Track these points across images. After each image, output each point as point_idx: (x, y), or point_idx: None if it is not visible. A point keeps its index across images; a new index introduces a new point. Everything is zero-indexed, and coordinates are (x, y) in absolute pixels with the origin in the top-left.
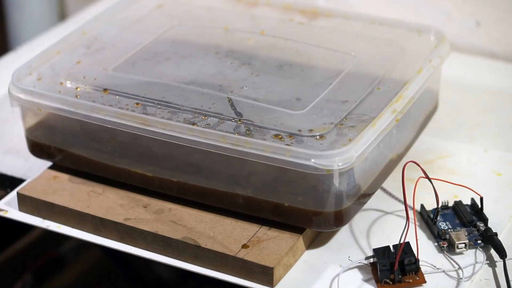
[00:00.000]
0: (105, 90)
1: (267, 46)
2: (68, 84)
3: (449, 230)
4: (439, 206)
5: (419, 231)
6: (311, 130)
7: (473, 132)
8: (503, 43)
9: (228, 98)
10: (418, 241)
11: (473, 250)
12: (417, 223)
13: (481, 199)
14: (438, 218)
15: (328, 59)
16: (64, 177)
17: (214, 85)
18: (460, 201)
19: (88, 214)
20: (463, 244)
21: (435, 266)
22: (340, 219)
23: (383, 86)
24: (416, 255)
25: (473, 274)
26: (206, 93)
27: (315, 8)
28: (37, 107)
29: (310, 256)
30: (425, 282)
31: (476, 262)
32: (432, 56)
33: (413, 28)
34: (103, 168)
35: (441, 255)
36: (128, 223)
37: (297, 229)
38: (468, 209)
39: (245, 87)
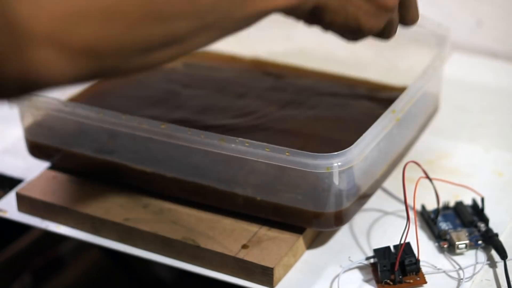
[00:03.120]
0: None
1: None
2: None
3: (449, 230)
4: (440, 206)
5: (419, 231)
6: None
7: (474, 132)
8: (505, 43)
9: None
10: (419, 241)
11: (473, 251)
12: (417, 223)
13: (482, 199)
14: (439, 218)
15: None
16: (63, 177)
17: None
18: (461, 202)
19: (87, 214)
20: (464, 245)
21: (435, 267)
22: (340, 218)
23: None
24: (416, 255)
25: (473, 274)
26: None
27: None
28: (35, 108)
29: (310, 256)
30: (425, 282)
31: (477, 263)
32: (433, 57)
33: (415, 28)
34: (102, 168)
35: (441, 255)
36: (128, 223)
37: (297, 229)
38: (469, 210)
39: None
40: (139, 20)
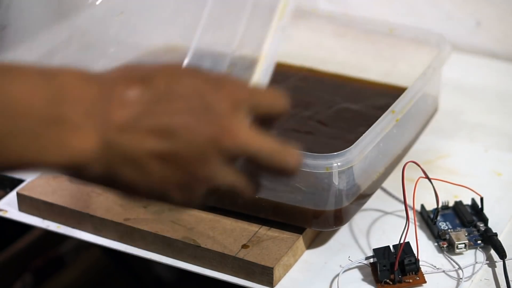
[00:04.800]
0: None
1: None
2: None
3: (449, 230)
4: (439, 206)
5: (419, 231)
6: None
7: (473, 132)
8: (504, 43)
9: None
10: (418, 241)
11: (473, 250)
12: (417, 223)
13: (481, 199)
14: (438, 218)
15: None
16: (63, 177)
17: None
18: (460, 201)
19: (88, 214)
20: (463, 244)
21: (435, 266)
22: (339, 218)
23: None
24: (416, 255)
25: (473, 274)
26: None
27: (315, 10)
28: None
29: (310, 256)
30: (425, 282)
31: (476, 262)
32: (433, 58)
33: (414, 29)
34: None
35: (441, 255)
36: (128, 223)
37: (297, 229)
38: (468, 209)
39: None
40: None
